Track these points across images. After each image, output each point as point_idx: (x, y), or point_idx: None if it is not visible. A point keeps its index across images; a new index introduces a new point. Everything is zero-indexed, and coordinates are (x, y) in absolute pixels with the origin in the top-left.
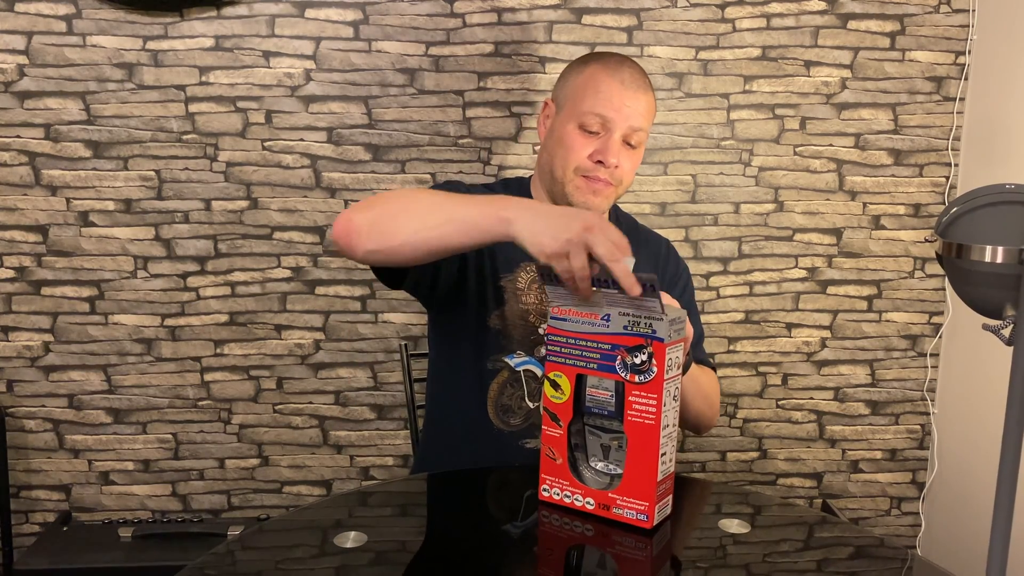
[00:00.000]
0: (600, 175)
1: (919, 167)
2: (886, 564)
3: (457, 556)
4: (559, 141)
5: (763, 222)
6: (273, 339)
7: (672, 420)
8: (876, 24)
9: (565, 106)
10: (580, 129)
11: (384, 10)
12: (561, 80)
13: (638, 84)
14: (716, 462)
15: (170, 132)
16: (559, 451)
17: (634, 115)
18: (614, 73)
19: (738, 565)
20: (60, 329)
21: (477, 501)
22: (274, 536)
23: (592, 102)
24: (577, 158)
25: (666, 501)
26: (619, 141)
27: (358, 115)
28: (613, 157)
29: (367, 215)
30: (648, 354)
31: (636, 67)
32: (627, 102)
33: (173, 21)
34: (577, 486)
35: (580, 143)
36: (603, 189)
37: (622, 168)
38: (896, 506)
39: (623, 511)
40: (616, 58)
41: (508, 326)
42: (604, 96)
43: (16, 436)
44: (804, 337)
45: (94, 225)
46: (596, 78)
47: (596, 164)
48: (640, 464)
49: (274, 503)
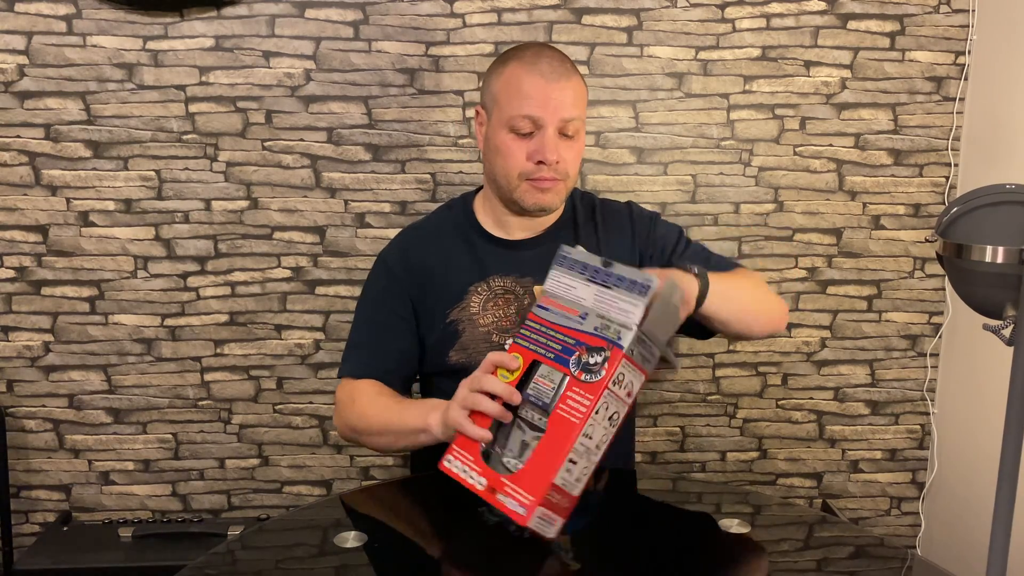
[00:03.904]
0: (544, 174)
1: (919, 167)
2: (886, 564)
3: (457, 555)
4: (496, 150)
5: (763, 222)
6: (273, 339)
7: (599, 442)
8: (876, 24)
9: (493, 112)
10: (512, 133)
11: (384, 10)
12: (484, 84)
13: (558, 72)
14: (716, 462)
15: (170, 132)
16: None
17: (563, 106)
18: (533, 67)
19: (738, 565)
20: (60, 329)
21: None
22: (274, 536)
23: (518, 104)
24: (517, 163)
25: (555, 516)
26: (554, 136)
27: (358, 115)
28: (551, 154)
29: (342, 426)
30: (604, 358)
31: (555, 54)
32: (552, 95)
33: (173, 21)
34: (479, 464)
35: (516, 147)
36: (551, 187)
37: (564, 161)
38: (896, 506)
39: (506, 499)
40: (532, 49)
41: (471, 355)
42: (527, 95)
43: (16, 436)
44: (804, 337)
45: (94, 225)
46: (516, 76)
47: (537, 165)
48: (544, 458)
49: (274, 503)
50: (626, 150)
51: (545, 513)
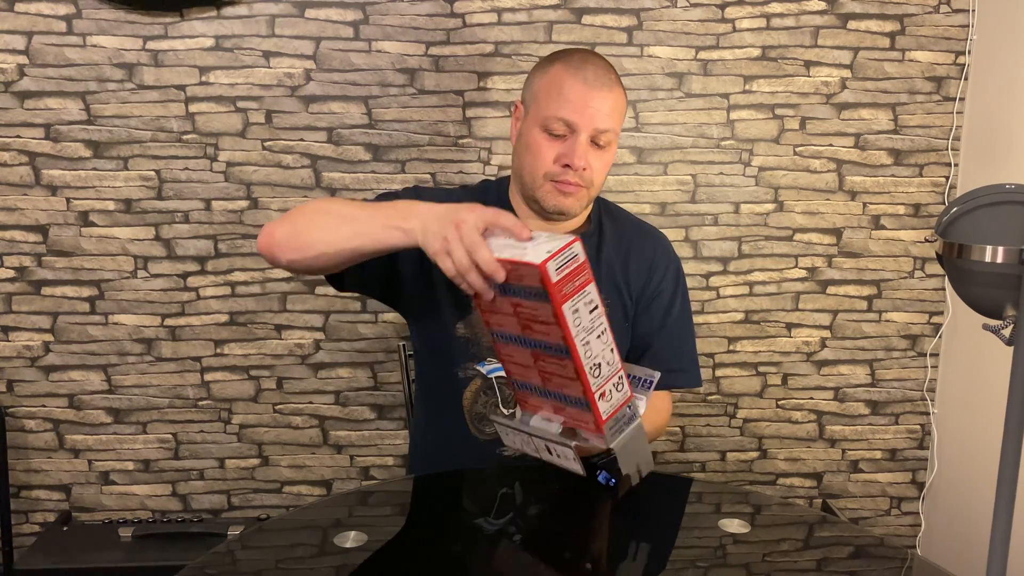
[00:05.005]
0: (569, 179)
1: (919, 167)
2: (886, 564)
3: (457, 556)
4: (527, 147)
5: (763, 222)
6: (273, 339)
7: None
8: (876, 24)
9: (531, 109)
10: (546, 133)
11: (384, 10)
12: (527, 81)
13: (603, 81)
14: (716, 462)
15: (170, 132)
16: None
17: (599, 116)
18: (577, 72)
19: (738, 565)
20: (60, 329)
21: (477, 500)
22: (274, 536)
23: (556, 106)
24: (544, 164)
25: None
26: (585, 143)
27: (358, 115)
28: (580, 160)
29: (285, 228)
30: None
31: (601, 63)
32: (591, 103)
33: (173, 21)
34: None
35: (546, 148)
36: (574, 191)
37: (591, 169)
38: (896, 506)
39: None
40: (580, 55)
41: (476, 333)
42: (567, 98)
43: (16, 436)
44: (804, 337)
45: (94, 225)
46: (559, 78)
47: (563, 168)
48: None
49: (274, 503)
50: (626, 150)
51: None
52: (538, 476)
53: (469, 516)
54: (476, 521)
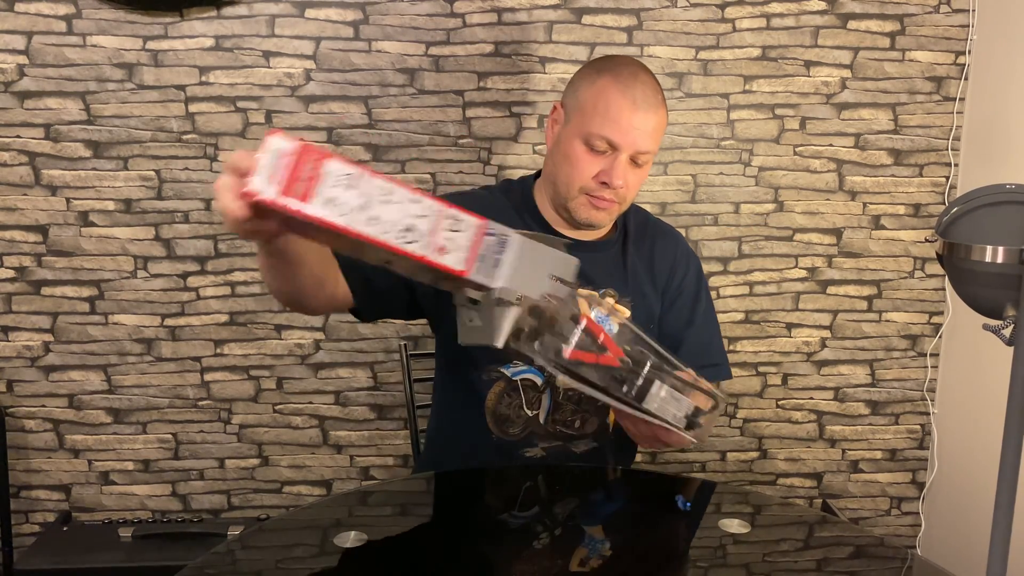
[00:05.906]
0: (605, 195)
1: (919, 167)
2: (886, 564)
3: (457, 556)
4: (565, 156)
5: (763, 222)
6: (273, 339)
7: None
8: (876, 24)
9: (573, 118)
10: (586, 147)
11: (384, 10)
12: (572, 86)
13: (650, 103)
14: (716, 462)
15: (170, 132)
16: None
17: (642, 138)
18: (626, 91)
19: (738, 565)
20: (60, 329)
21: (477, 500)
22: (274, 536)
23: (600, 123)
24: (582, 178)
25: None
26: (625, 162)
27: (358, 115)
28: (619, 179)
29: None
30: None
31: (650, 80)
32: (636, 124)
33: (173, 21)
34: None
35: (586, 162)
36: (607, 207)
37: (627, 186)
38: (896, 506)
39: None
40: (630, 70)
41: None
42: (613, 117)
43: (16, 436)
44: (804, 337)
45: (94, 225)
46: (607, 94)
47: (601, 185)
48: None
49: (274, 503)
50: None
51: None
52: (542, 476)
53: (469, 515)
54: (475, 520)
